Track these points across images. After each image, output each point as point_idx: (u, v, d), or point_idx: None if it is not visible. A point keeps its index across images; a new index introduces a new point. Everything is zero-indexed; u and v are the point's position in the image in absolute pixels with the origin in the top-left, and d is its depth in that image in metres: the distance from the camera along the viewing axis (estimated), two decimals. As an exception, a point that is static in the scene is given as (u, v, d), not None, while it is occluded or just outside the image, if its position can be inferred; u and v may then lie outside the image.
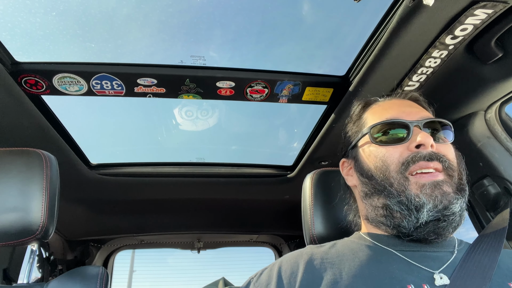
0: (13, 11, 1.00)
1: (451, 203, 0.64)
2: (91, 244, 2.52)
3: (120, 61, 1.08)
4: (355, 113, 0.87)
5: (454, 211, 0.64)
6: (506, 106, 1.10)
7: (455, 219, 0.65)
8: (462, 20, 0.81)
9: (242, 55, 1.29)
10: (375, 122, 0.77)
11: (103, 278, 0.97)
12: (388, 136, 0.73)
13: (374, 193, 0.73)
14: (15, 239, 0.86)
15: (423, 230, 0.66)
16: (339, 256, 0.70)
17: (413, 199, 0.65)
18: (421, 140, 0.68)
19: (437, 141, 0.72)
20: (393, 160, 0.70)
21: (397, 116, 0.75)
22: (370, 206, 0.75)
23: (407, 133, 0.71)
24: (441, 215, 0.64)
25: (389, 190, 0.69)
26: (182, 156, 1.81)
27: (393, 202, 0.68)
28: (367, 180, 0.75)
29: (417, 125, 0.72)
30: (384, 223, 0.71)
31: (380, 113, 0.79)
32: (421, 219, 0.65)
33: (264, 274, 0.74)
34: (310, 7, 1.15)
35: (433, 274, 0.63)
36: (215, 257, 3.10)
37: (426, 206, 0.64)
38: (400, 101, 0.83)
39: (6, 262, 1.60)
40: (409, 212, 0.66)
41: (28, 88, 1.09)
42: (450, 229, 0.66)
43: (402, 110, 0.77)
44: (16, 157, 0.91)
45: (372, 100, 0.86)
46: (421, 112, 0.77)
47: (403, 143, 0.71)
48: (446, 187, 0.66)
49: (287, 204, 2.13)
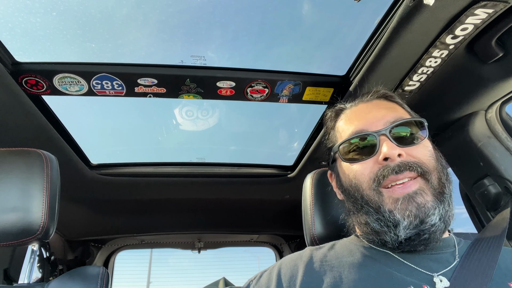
0: (14, 11, 1.00)
1: (427, 216, 0.62)
2: (91, 244, 2.52)
3: (121, 61, 1.08)
4: (328, 124, 0.86)
5: (433, 222, 0.62)
6: (506, 105, 1.09)
7: (438, 228, 0.63)
8: (462, 20, 0.81)
9: (242, 55, 1.29)
10: (344, 136, 0.75)
11: (104, 278, 0.97)
12: (356, 153, 0.72)
13: (356, 211, 0.72)
14: (16, 239, 0.86)
15: (408, 245, 0.65)
16: (338, 258, 0.70)
17: (388, 216, 0.64)
18: (386, 153, 0.65)
19: (410, 142, 0.69)
20: (364, 177, 0.69)
21: (362, 127, 0.73)
22: (356, 223, 0.75)
23: (375, 145, 0.69)
24: (419, 230, 0.62)
25: (366, 208, 0.68)
26: (182, 156, 1.81)
27: (371, 219, 0.67)
28: (347, 198, 0.75)
29: (383, 133, 0.68)
30: (371, 239, 0.71)
31: (348, 124, 0.77)
32: (400, 236, 0.63)
33: (263, 277, 0.74)
34: (311, 7, 1.15)
35: (433, 277, 0.62)
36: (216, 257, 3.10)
37: (402, 224, 0.62)
38: (366, 105, 0.79)
39: (7, 262, 1.60)
40: (388, 229, 0.64)
41: (29, 88, 1.09)
42: (435, 237, 0.65)
43: (366, 119, 0.74)
44: (17, 157, 0.91)
45: (342, 107, 0.84)
46: (388, 115, 0.72)
47: (373, 156, 0.69)
48: (421, 197, 0.63)
49: (288, 204, 2.13)
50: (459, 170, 1.17)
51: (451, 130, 1.17)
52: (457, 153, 1.15)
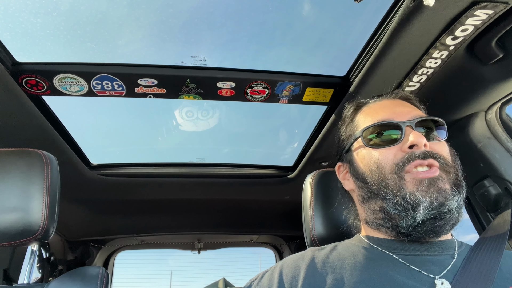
0: (14, 12, 1.00)
1: (447, 200, 0.64)
2: (91, 244, 2.52)
3: (121, 61, 1.08)
4: (347, 116, 0.87)
5: (451, 207, 0.64)
6: (506, 106, 1.09)
7: (452, 216, 0.65)
8: (462, 21, 0.81)
9: (242, 56, 1.29)
10: (367, 124, 0.76)
11: (104, 279, 0.97)
12: (381, 138, 0.73)
13: (371, 197, 0.72)
14: (16, 239, 0.86)
15: (421, 229, 0.65)
16: (340, 260, 0.70)
17: (408, 197, 0.65)
18: (414, 140, 0.67)
19: (430, 140, 0.71)
20: (387, 162, 0.69)
21: (389, 117, 0.74)
22: (368, 210, 0.75)
23: (400, 134, 0.71)
24: (437, 213, 0.64)
25: (384, 192, 0.68)
26: (182, 157, 1.81)
27: (389, 204, 0.68)
28: (363, 184, 0.74)
29: (409, 125, 0.71)
30: (383, 225, 0.71)
31: (372, 115, 0.79)
32: (418, 218, 0.64)
33: (265, 277, 0.74)
34: (311, 7, 1.15)
35: (434, 279, 0.62)
36: (216, 258, 3.10)
37: (422, 204, 0.64)
38: (391, 101, 0.82)
39: (7, 263, 1.60)
40: (406, 213, 0.65)
41: (29, 88, 1.09)
42: (448, 226, 0.66)
43: (393, 111, 0.76)
44: (17, 157, 0.91)
45: (363, 102, 0.86)
46: (412, 112, 0.76)
47: (396, 144, 0.70)
48: (442, 183, 0.65)
49: (288, 205, 2.13)
50: (459, 171, 1.17)
51: (451, 131, 1.16)
52: (457, 154, 1.15)
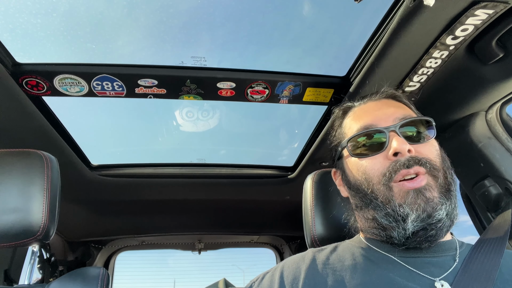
0: (14, 12, 1.00)
1: (435, 210, 0.63)
2: (92, 245, 2.52)
3: (121, 62, 1.08)
4: (336, 121, 0.86)
5: (440, 217, 0.63)
6: (507, 106, 1.09)
7: (444, 224, 0.64)
8: (462, 21, 0.81)
9: (242, 56, 1.29)
10: (352, 131, 0.76)
11: (104, 279, 0.97)
12: (365, 148, 0.72)
13: (364, 206, 0.72)
14: (16, 240, 0.86)
15: (414, 240, 0.65)
16: (340, 261, 0.70)
17: (398, 209, 0.64)
18: (397, 148, 0.66)
19: (418, 141, 0.70)
20: (374, 172, 0.69)
21: (372, 122, 0.73)
22: (362, 218, 0.74)
23: (384, 141, 0.69)
24: (426, 224, 0.63)
25: (375, 203, 0.68)
26: (183, 157, 1.81)
27: (380, 215, 0.67)
28: (355, 193, 0.74)
29: (393, 130, 0.69)
30: (378, 234, 0.70)
31: (356, 120, 0.78)
32: (408, 230, 0.64)
33: (266, 278, 0.74)
34: (311, 7, 1.15)
35: (434, 282, 0.62)
36: (216, 258, 3.10)
37: (410, 217, 0.63)
38: (375, 103, 0.80)
39: (7, 263, 1.60)
40: (397, 224, 0.65)
41: (29, 89, 1.09)
42: (441, 234, 0.65)
43: (376, 115, 0.75)
44: (17, 158, 0.91)
45: (350, 105, 0.85)
46: (397, 112, 0.73)
47: (382, 152, 0.69)
48: (430, 193, 0.64)
49: (288, 205, 2.13)
50: (460, 171, 1.17)
51: (452, 131, 1.17)
52: (457, 154, 1.15)
